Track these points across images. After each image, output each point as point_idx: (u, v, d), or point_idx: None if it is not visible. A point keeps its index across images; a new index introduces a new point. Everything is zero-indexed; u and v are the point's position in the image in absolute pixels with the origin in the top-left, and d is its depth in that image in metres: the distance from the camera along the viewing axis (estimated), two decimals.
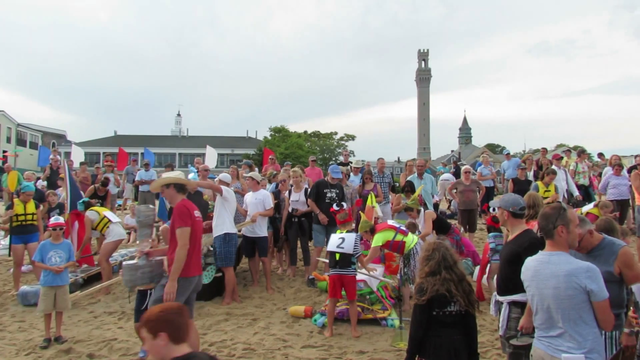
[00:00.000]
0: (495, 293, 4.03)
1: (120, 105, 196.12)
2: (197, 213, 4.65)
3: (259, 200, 7.68)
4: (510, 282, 3.66)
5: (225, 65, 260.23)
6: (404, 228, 6.48)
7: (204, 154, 16.96)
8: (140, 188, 12.75)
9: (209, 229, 7.58)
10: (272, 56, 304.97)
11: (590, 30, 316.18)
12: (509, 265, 3.71)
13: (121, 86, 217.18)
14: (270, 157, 13.17)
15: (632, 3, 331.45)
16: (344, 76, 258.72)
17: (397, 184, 11.35)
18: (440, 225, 7.56)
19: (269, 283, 7.76)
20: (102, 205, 10.14)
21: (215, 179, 8.49)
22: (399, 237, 6.29)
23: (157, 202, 12.02)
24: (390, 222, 6.86)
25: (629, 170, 10.73)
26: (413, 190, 8.41)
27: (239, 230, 7.67)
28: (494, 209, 5.66)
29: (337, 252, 5.89)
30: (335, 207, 6.61)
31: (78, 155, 16.54)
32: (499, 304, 3.94)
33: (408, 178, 9.58)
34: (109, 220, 8.07)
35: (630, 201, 10.39)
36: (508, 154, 13.48)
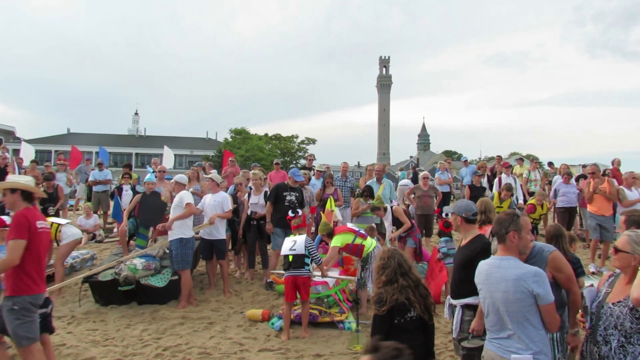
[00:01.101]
0: (449, 296, 4.13)
1: (74, 102, 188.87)
2: (40, 224, 4.13)
3: (218, 202, 7.59)
4: (464, 286, 3.76)
5: (186, 64, 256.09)
6: (363, 232, 6.55)
7: (161, 155, 16.62)
8: (94, 188, 12.35)
9: (165, 232, 7.44)
10: (234, 57, 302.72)
11: (544, 44, 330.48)
12: (462, 270, 3.82)
13: (75, 81, 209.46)
14: (230, 159, 13.02)
15: (583, 19, 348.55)
16: (306, 80, 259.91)
17: (359, 189, 11.47)
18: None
19: (227, 286, 7.68)
20: (54, 203, 9.77)
21: (171, 180, 8.35)
22: (358, 241, 6.36)
23: (111, 204, 11.71)
24: (349, 225, 6.92)
25: (577, 179, 11.23)
26: (371, 195, 8.51)
27: (197, 233, 7.56)
28: (446, 214, 5.83)
29: (290, 255, 5.97)
30: (290, 213, 6.67)
31: (28, 153, 15.81)
32: (452, 307, 4.04)
33: (367, 183, 9.68)
34: (59, 224, 7.72)
35: (577, 208, 10.89)
36: (466, 160, 13.76)
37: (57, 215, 9.65)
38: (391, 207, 7.85)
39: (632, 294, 2.66)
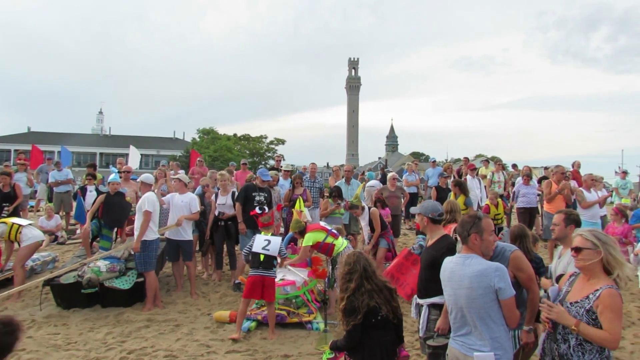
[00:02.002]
0: (415, 296, 4.20)
1: (34, 99, 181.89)
2: None
3: (185, 203, 7.50)
4: (430, 285, 3.84)
5: (153, 62, 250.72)
6: (334, 231, 6.57)
7: (127, 155, 16.27)
8: (56, 189, 11.98)
9: (132, 233, 7.30)
10: (202, 56, 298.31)
11: (508, 49, 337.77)
12: (428, 270, 3.89)
13: (36, 78, 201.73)
14: (198, 159, 12.86)
15: (546, 26, 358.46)
16: (275, 80, 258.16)
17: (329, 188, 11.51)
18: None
19: (193, 288, 7.59)
20: (11, 203, 9.45)
21: (137, 180, 8.19)
22: (329, 239, 6.37)
23: (74, 204, 11.40)
24: (322, 223, 6.92)
25: (539, 181, 11.55)
26: (340, 196, 8.55)
27: (162, 234, 7.44)
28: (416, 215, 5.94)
29: (262, 254, 5.89)
30: (257, 210, 6.59)
31: None
32: (419, 307, 4.11)
33: (336, 183, 9.74)
34: (20, 225, 7.46)
35: (539, 209, 11.21)
36: (434, 161, 13.94)
37: (17, 215, 9.34)
38: (369, 208, 7.89)
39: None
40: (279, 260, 6.15)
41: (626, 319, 6.49)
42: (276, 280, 6.50)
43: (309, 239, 6.32)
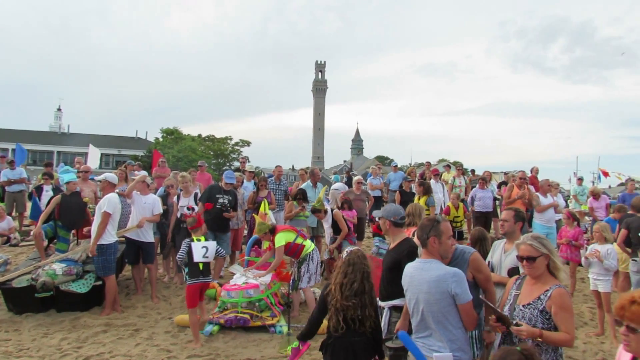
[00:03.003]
0: (377, 298, 4.24)
1: None
2: None
3: (148, 204, 7.34)
4: (391, 288, 3.89)
5: (116, 59, 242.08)
6: (304, 232, 6.56)
7: (86, 153, 15.82)
8: (8, 188, 11.50)
9: (89, 234, 7.09)
10: (167, 54, 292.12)
11: (471, 56, 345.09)
12: (390, 272, 3.94)
13: None
14: (160, 159, 12.60)
15: (507, 35, 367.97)
16: (241, 81, 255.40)
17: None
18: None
19: (154, 291, 7.42)
20: None
21: (97, 178, 7.97)
22: (299, 240, 6.36)
23: (28, 205, 11.00)
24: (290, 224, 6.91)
25: (499, 186, 11.86)
26: (305, 198, 8.56)
27: (121, 237, 7.25)
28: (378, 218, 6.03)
29: (202, 262, 5.78)
30: (186, 211, 6.47)
31: None
32: (380, 309, 4.15)
33: (301, 186, 9.73)
34: None
35: (497, 212, 11.51)
36: (395, 166, 14.22)
37: None
38: (332, 210, 7.93)
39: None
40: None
41: (579, 319, 6.76)
42: (240, 283, 6.47)
43: (281, 239, 6.29)
